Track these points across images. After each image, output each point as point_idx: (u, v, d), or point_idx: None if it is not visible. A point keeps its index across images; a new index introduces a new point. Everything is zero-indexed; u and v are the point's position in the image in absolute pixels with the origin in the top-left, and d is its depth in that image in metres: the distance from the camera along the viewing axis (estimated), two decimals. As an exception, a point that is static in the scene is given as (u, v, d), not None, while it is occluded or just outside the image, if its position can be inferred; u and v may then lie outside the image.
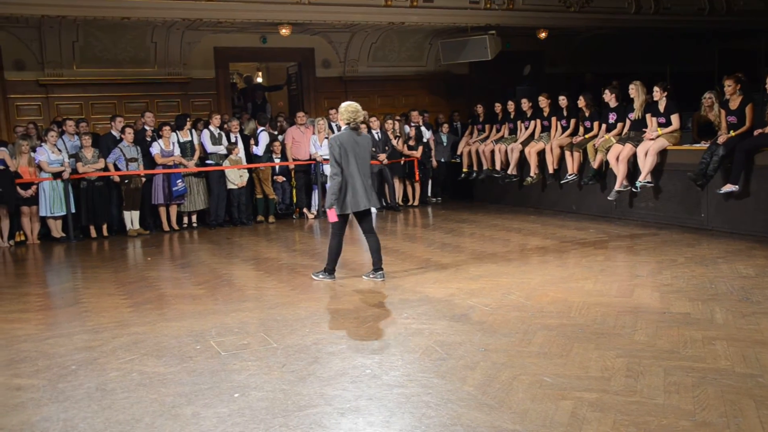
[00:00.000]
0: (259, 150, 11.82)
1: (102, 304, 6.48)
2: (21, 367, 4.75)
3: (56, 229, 10.48)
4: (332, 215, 6.83)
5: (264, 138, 11.91)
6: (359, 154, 6.81)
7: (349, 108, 6.86)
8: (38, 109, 12.46)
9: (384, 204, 12.78)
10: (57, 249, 9.99)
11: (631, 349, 4.50)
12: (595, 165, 10.36)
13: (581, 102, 10.84)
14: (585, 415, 3.53)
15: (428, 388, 4.01)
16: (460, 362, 4.42)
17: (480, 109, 13.42)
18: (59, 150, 10.44)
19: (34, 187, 10.16)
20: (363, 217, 7.02)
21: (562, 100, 11.30)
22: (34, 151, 10.34)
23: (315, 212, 12.16)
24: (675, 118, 9.34)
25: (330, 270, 7.16)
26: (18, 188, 9.96)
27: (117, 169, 10.69)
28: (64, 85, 12.53)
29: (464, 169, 13.39)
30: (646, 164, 9.45)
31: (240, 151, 11.46)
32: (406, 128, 13.21)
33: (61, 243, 10.34)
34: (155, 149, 10.93)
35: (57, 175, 10.26)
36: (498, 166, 12.40)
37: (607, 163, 10.17)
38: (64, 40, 12.15)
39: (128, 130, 10.80)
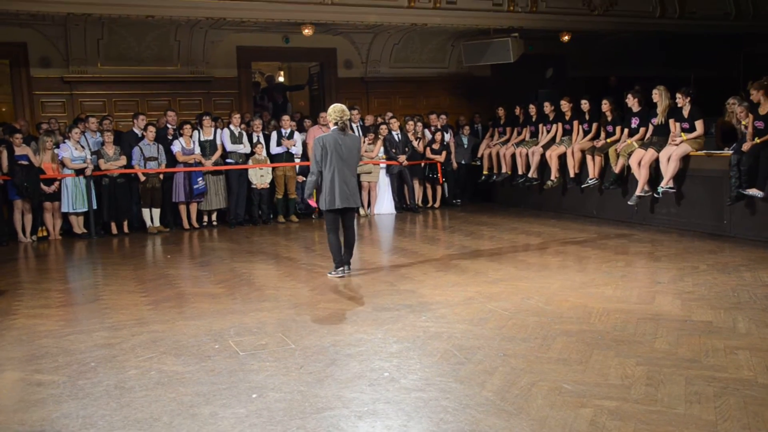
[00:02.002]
0: (296, 149, 11.85)
1: (122, 302, 6.52)
2: (42, 362, 4.79)
3: (78, 225, 10.59)
4: (313, 202, 7.53)
5: (300, 137, 12.01)
6: (343, 154, 7.13)
7: (335, 109, 7.20)
8: (62, 106, 12.61)
9: (404, 205, 12.78)
10: (78, 245, 10.09)
11: (652, 357, 4.45)
12: (616, 169, 10.28)
13: (605, 106, 10.76)
14: (605, 423, 3.49)
15: (446, 392, 3.99)
16: (479, 367, 4.39)
17: (501, 111, 13.37)
18: (82, 147, 10.55)
19: (57, 183, 10.28)
20: (345, 212, 7.33)
21: (585, 104, 11.23)
22: (58, 147, 10.45)
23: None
24: (699, 124, 9.24)
25: (337, 266, 7.38)
26: (41, 184, 10.07)
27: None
28: (88, 82, 12.67)
29: (484, 172, 13.35)
30: (668, 169, 9.36)
31: (263, 150, 11.50)
32: (427, 133, 13.18)
33: (83, 239, 10.43)
34: (176, 147, 11.00)
35: (79, 172, 10.37)
36: (519, 170, 12.35)
37: (628, 167, 10.10)
38: (89, 37, 12.28)
39: (150, 128, 10.89)
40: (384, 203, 12.58)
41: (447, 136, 13.37)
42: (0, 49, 12.34)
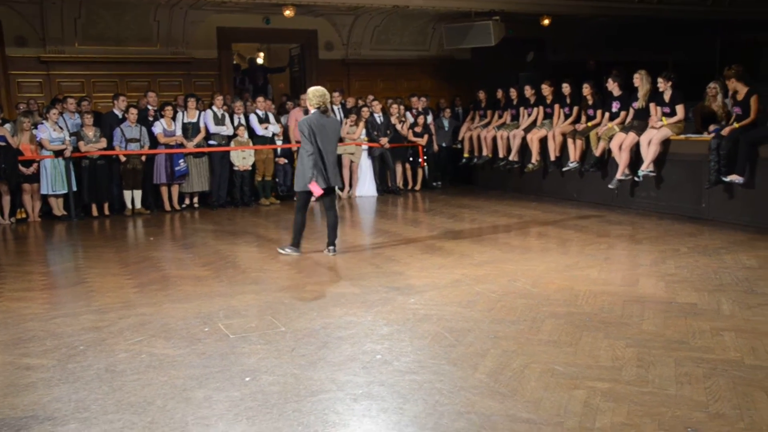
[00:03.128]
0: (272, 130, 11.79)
1: (106, 284, 6.46)
2: (29, 346, 4.74)
3: (57, 207, 10.45)
4: (316, 188, 7.16)
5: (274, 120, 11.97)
6: (326, 136, 7.24)
7: (317, 92, 7.30)
8: (39, 86, 12.39)
9: (385, 188, 12.78)
10: (58, 227, 9.96)
11: (640, 339, 4.52)
12: (597, 153, 10.37)
13: (585, 90, 10.82)
14: (598, 405, 3.55)
15: (440, 375, 4.02)
16: (471, 349, 4.43)
17: (482, 94, 13.38)
18: (60, 128, 10.38)
19: (36, 164, 10.11)
20: (326, 194, 7.40)
21: (566, 88, 11.28)
22: (36, 128, 10.27)
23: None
24: (680, 109, 9.34)
25: (296, 244, 7.57)
26: (19, 165, 9.90)
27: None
28: (66, 63, 12.45)
29: (465, 155, 13.39)
30: (648, 153, 9.46)
31: (245, 132, 11.42)
32: (409, 116, 13.16)
33: (63, 221, 10.30)
34: (158, 129, 10.88)
35: (58, 153, 10.21)
36: (500, 153, 12.40)
37: (609, 151, 10.18)
38: (66, 16, 12.05)
39: (132, 110, 10.75)
40: (365, 185, 12.57)
41: (428, 119, 13.36)
42: (-26, 28, 12.07)
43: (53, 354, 4.57)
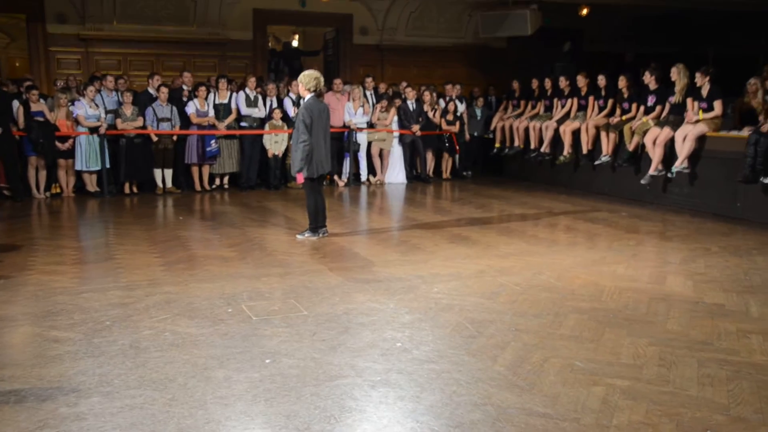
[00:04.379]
0: None
1: (135, 261, 6.56)
2: (58, 319, 4.84)
3: (91, 183, 10.63)
4: (301, 178, 7.42)
5: None
6: (322, 120, 7.36)
7: (312, 75, 7.39)
8: (77, 63, 12.61)
9: (415, 175, 12.76)
10: (91, 203, 10.13)
11: (664, 338, 4.46)
12: (630, 147, 10.22)
13: (621, 82, 10.65)
14: (617, 402, 3.52)
15: (459, 365, 4.02)
16: (491, 341, 4.42)
17: (516, 84, 13.27)
18: (96, 105, 10.53)
19: (71, 140, 10.29)
20: (321, 177, 7.62)
21: (601, 80, 11.12)
22: (73, 104, 10.44)
23: (345, 179, 12.17)
24: (718, 104, 9.16)
25: (313, 229, 7.66)
26: (55, 141, 10.09)
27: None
28: (104, 40, 12.65)
29: (496, 145, 13.31)
30: (683, 149, 9.30)
31: (280, 116, 11.45)
32: (441, 102, 13.10)
33: (95, 197, 10.48)
34: (191, 109, 10.98)
35: (93, 130, 10.37)
36: (532, 144, 12.30)
37: (643, 146, 10.04)
38: (106, -6, 12.23)
39: (163, 89, 10.86)
40: (396, 173, 12.56)
41: (461, 107, 13.29)
42: (17, 3, 12.37)
43: (80, 328, 4.65)
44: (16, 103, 10.09)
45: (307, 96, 7.34)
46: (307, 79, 7.32)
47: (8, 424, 3.30)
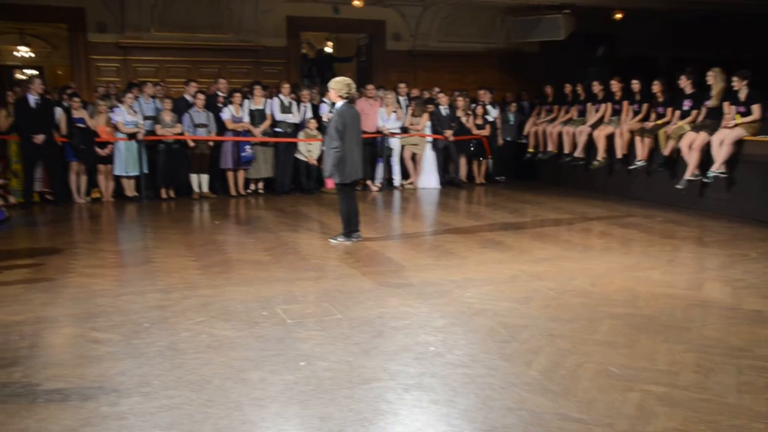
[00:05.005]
0: None
1: (172, 265, 6.67)
2: (98, 321, 4.95)
3: (129, 188, 10.85)
4: (331, 182, 7.56)
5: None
6: (355, 126, 7.44)
7: (344, 81, 7.48)
8: (117, 71, 12.87)
9: (448, 180, 12.77)
10: (129, 207, 10.33)
11: (701, 345, 4.42)
12: (666, 152, 10.11)
13: (656, 87, 10.55)
14: (653, 408, 3.50)
15: (492, 369, 4.03)
16: (525, 346, 4.42)
17: (549, 89, 13.21)
18: (135, 111, 10.74)
19: (111, 146, 10.51)
20: (350, 185, 7.70)
21: (635, 84, 11.02)
22: (112, 111, 10.67)
23: (379, 184, 12.23)
24: (756, 108, 9.02)
25: (347, 234, 7.70)
26: (95, 147, 10.33)
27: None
28: (142, 48, 12.91)
29: (530, 149, 13.26)
30: (720, 154, 9.17)
31: (315, 125, 11.54)
32: (472, 106, 13.10)
33: (133, 202, 10.68)
34: (226, 115, 11.14)
35: (132, 136, 10.58)
36: (565, 149, 12.23)
37: (678, 150, 9.92)
38: (144, 4, 12.50)
39: (200, 95, 11.03)
40: (429, 177, 12.58)
41: (494, 112, 13.27)
42: (59, 13, 12.67)
43: (120, 329, 4.76)
44: (59, 111, 10.38)
45: (339, 102, 7.41)
46: (339, 86, 7.39)
47: (53, 421, 3.40)
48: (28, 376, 3.93)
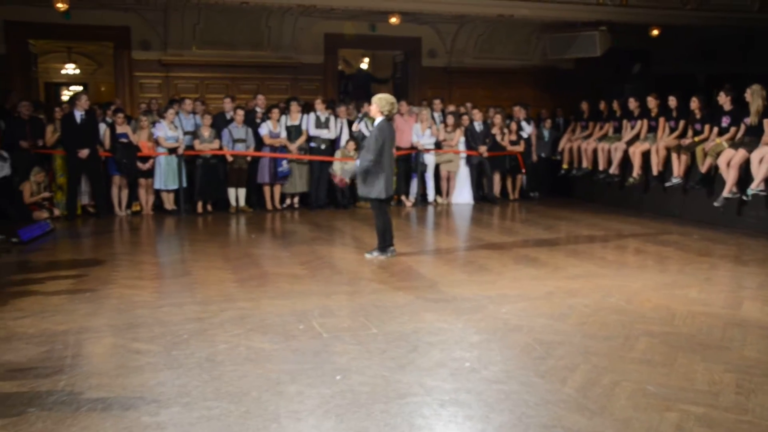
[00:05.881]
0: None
1: (210, 278, 6.77)
2: (139, 332, 5.05)
3: (168, 202, 11.06)
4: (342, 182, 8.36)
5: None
6: (391, 144, 7.61)
7: (389, 99, 7.55)
8: (158, 87, 13.18)
9: (482, 196, 12.77)
10: (168, 221, 10.52)
11: (741, 365, 4.36)
12: (703, 169, 10.00)
13: (693, 104, 10.47)
14: (692, 429, 3.46)
15: (528, 386, 4.03)
16: (560, 362, 4.41)
17: (585, 105, 13.17)
18: (175, 127, 10.97)
19: (152, 160, 10.75)
20: (385, 201, 7.77)
21: (672, 101, 10.94)
22: (154, 126, 10.92)
23: (413, 200, 12.27)
24: (797, 126, 8.90)
25: (382, 248, 7.74)
26: (137, 161, 10.58)
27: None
28: (183, 65, 13.23)
29: (564, 166, 13.21)
30: (760, 171, 9.04)
31: (353, 146, 11.62)
32: (506, 122, 13.11)
33: (172, 215, 10.88)
34: (264, 130, 11.31)
35: (172, 151, 10.80)
36: (600, 165, 12.16)
37: (716, 168, 9.80)
38: (187, 22, 12.76)
39: (239, 111, 11.22)
40: (462, 193, 12.60)
41: (529, 129, 13.26)
42: (105, 32, 13.08)
43: (160, 340, 4.85)
44: (103, 126, 10.67)
45: (379, 118, 7.50)
46: (383, 103, 7.47)
47: (96, 430, 3.49)
48: (71, 385, 4.03)
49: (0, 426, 3.52)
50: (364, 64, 17.86)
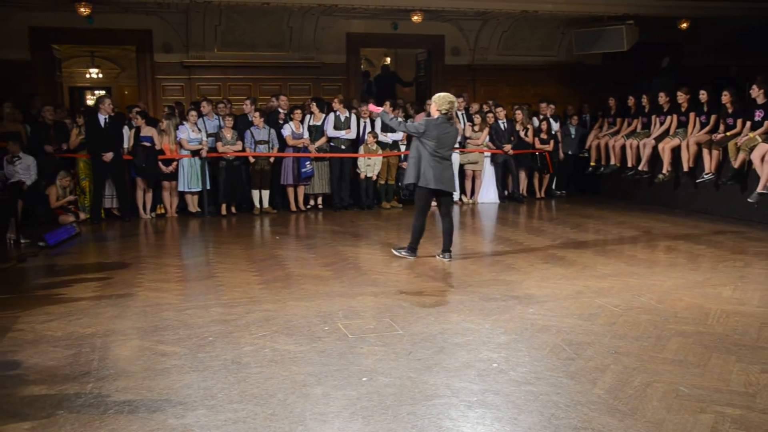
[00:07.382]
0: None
1: (234, 280, 6.77)
2: (165, 334, 5.06)
3: (192, 204, 11.09)
4: (375, 109, 8.16)
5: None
6: (445, 142, 7.31)
7: (446, 98, 7.37)
8: (181, 90, 13.26)
9: (507, 194, 12.65)
10: (192, 223, 10.56)
11: (778, 365, 4.25)
12: (736, 164, 9.80)
13: (725, 97, 10.25)
14: (728, 431, 3.37)
15: (557, 387, 3.95)
16: (590, 363, 4.32)
17: (612, 101, 12.99)
18: (198, 129, 11.00)
19: (175, 163, 10.79)
20: (442, 199, 7.59)
21: (703, 95, 10.73)
22: (177, 129, 10.96)
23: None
24: (832, 119, 8.68)
25: (412, 248, 7.63)
26: (160, 164, 10.62)
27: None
28: (205, 67, 13.28)
29: (592, 163, 13.04)
30: (794, 166, 8.85)
31: (374, 140, 11.59)
32: (535, 121, 12.97)
33: (196, 217, 10.91)
34: (287, 131, 11.30)
35: (195, 153, 10.84)
36: (629, 162, 11.99)
37: (749, 163, 9.60)
38: (208, 24, 12.80)
39: (257, 114, 11.24)
40: (488, 192, 12.49)
41: (555, 126, 13.12)
42: (128, 35, 13.20)
43: (185, 343, 4.85)
44: (127, 130, 10.73)
45: (436, 116, 7.37)
46: (441, 101, 7.35)
47: (122, 433, 3.48)
48: (99, 387, 4.04)
49: (29, 428, 3.53)
50: (387, 62, 17.78)
